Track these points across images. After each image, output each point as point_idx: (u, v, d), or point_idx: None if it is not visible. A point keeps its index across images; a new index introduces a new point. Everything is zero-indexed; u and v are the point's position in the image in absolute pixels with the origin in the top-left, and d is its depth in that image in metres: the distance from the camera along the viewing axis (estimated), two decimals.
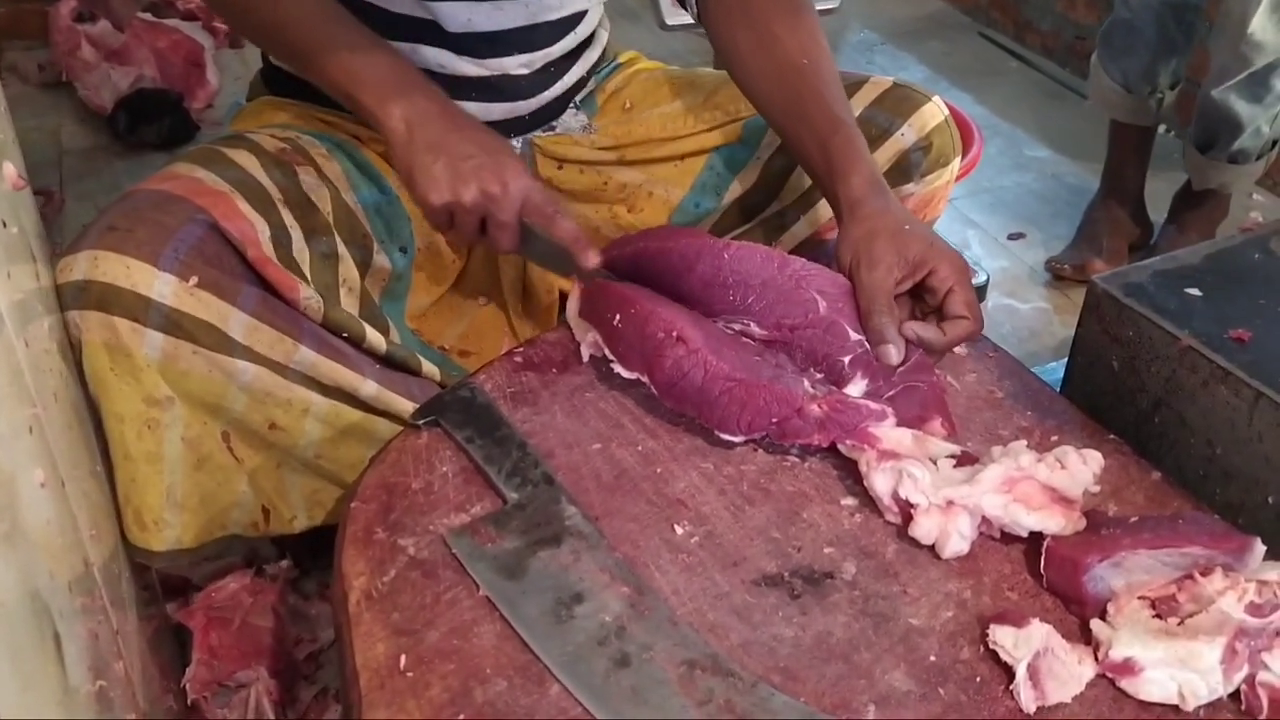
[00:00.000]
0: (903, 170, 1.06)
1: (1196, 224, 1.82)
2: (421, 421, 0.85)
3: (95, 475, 0.79)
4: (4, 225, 0.64)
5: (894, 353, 0.85)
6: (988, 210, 1.97)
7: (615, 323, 0.87)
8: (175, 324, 0.80)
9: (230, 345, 0.83)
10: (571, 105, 1.15)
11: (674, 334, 0.83)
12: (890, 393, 0.83)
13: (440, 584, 0.72)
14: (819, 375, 0.87)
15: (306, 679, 1.07)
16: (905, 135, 1.05)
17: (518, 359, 0.92)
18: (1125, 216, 1.84)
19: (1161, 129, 2.19)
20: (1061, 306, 1.73)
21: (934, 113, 1.07)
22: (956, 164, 1.09)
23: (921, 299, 0.90)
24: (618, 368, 0.87)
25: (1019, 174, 2.09)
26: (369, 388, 0.92)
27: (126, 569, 0.85)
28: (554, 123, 1.14)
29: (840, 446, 0.81)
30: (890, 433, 0.79)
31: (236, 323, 0.84)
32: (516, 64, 1.05)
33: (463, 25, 1.01)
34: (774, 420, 0.81)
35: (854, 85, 1.09)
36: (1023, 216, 1.96)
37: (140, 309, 0.79)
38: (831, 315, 0.87)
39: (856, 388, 0.85)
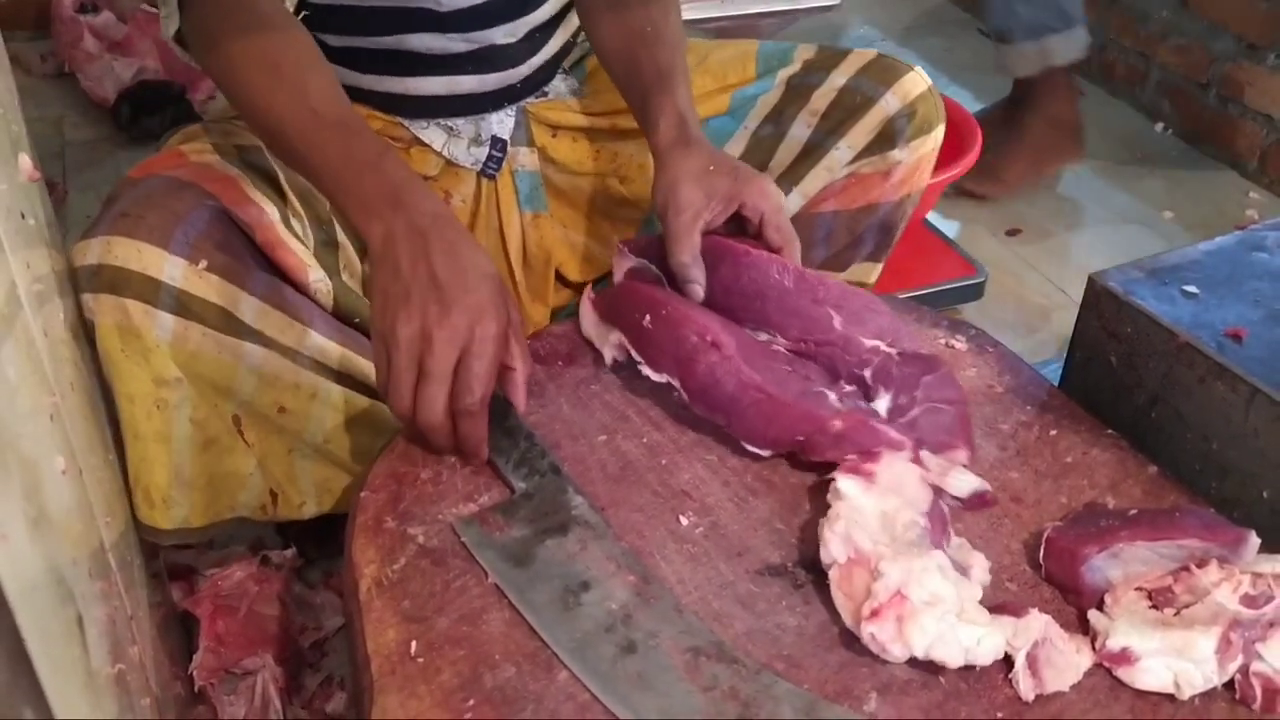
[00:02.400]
0: (888, 137, 1.07)
1: (1036, 118, 1.91)
2: None
3: (109, 464, 0.81)
4: (22, 217, 0.65)
5: (698, 290, 0.90)
6: (986, 206, 1.98)
7: (645, 324, 0.85)
8: (185, 306, 0.82)
9: (239, 328, 0.85)
10: (561, 70, 1.17)
11: (708, 338, 0.82)
12: (915, 411, 0.82)
13: (449, 572, 0.73)
14: (849, 389, 0.85)
15: (311, 667, 1.09)
16: (889, 102, 1.06)
17: None
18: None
19: (1159, 126, 2.20)
20: (1060, 303, 1.74)
21: (917, 81, 1.08)
22: (940, 131, 1.10)
23: (745, 230, 0.94)
24: (646, 370, 0.85)
25: None
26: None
27: (138, 556, 0.86)
28: (545, 89, 1.15)
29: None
30: (892, 467, 0.77)
31: (247, 306, 0.85)
32: (501, 34, 1.07)
33: (449, 4, 1.02)
34: (799, 438, 0.80)
35: (838, 56, 1.11)
36: (1020, 212, 1.97)
37: (151, 291, 0.81)
38: (848, 331, 0.87)
39: (881, 403, 0.84)
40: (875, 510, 0.73)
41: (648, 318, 0.85)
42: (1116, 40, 2.28)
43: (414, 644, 0.68)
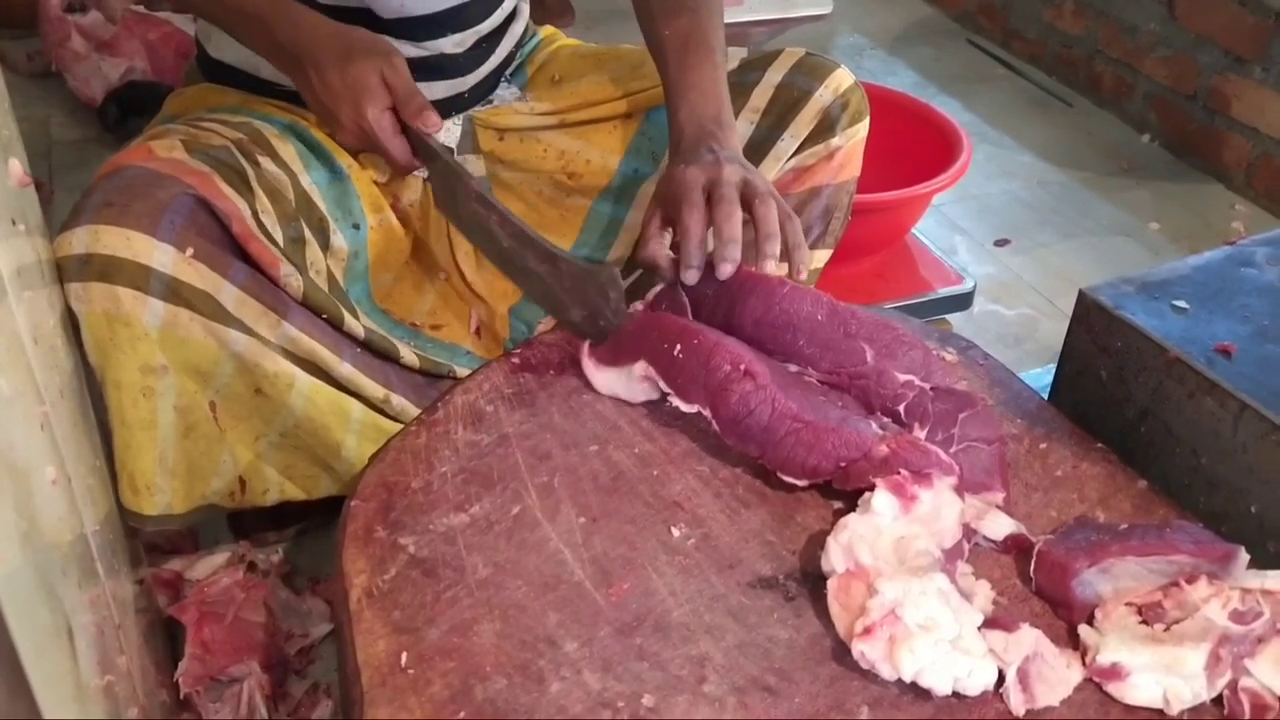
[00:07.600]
0: (828, 126, 1.13)
1: None
2: None
3: (96, 471, 0.80)
4: (13, 223, 0.65)
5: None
6: (974, 216, 1.99)
7: (675, 354, 0.84)
8: (174, 292, 0.84)
9: (224, 314, 0.87)
10: (504, 79, 1.20)
11: (741, 368, 0.80)
12: (953, 449, 0.80)
13: (440, 582, 0.73)
14: (885, 421, 0.83)
15: (298, 674, 1.08)
16: (823, 95, 1.13)
17: (515, 360, 0.93)
18: None
19: (1145, 138, 2.21)
20: (1047, 313, 1.75)
21: (845, 77, 1.15)
22: (868, 122, 1.17)
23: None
24: (676, 401, 0.84)
25: (1005, 180, 2.11)
26: (344, 369, 0.96)
27: (125, 563, 0.86)
28: (490, 97, 1.18)
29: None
30: (939, 496, 0.75)
31: (228, 294, 0.87)
32: (450, 43, 1.10)
33: (395, 11, 1.05)
34: (841, 464, 0.78)
35: (770, 55, 1.17)
36: (1009, 223, 1.98)
37: (142, 278, 0.83)
38: (880, 364, 0.85)
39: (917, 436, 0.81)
40: (893, 534, 0.72)
41: (678, 348, 0.83)
42: (1104, 52, 2.30)
43: (404, 655, 0.68)
